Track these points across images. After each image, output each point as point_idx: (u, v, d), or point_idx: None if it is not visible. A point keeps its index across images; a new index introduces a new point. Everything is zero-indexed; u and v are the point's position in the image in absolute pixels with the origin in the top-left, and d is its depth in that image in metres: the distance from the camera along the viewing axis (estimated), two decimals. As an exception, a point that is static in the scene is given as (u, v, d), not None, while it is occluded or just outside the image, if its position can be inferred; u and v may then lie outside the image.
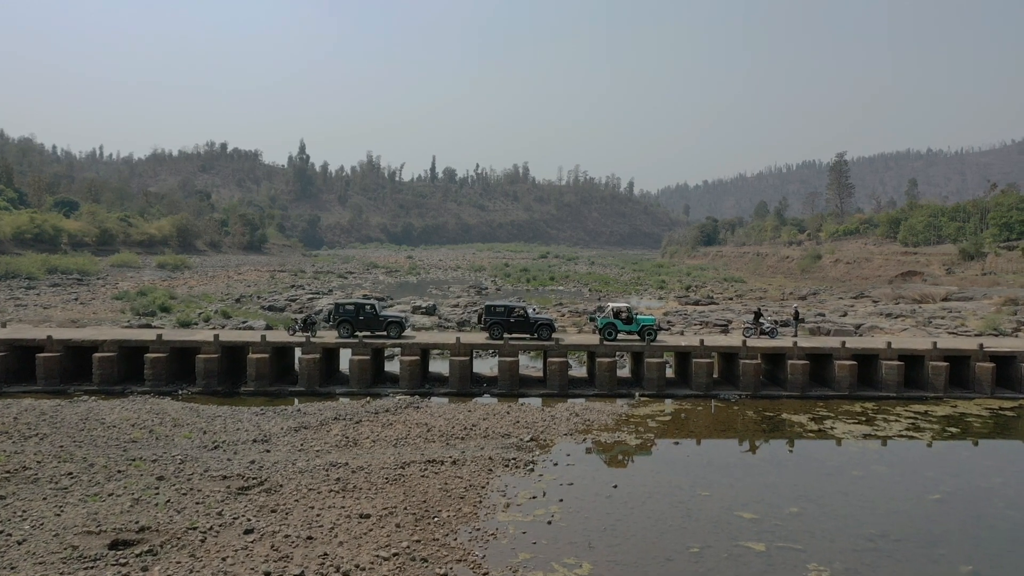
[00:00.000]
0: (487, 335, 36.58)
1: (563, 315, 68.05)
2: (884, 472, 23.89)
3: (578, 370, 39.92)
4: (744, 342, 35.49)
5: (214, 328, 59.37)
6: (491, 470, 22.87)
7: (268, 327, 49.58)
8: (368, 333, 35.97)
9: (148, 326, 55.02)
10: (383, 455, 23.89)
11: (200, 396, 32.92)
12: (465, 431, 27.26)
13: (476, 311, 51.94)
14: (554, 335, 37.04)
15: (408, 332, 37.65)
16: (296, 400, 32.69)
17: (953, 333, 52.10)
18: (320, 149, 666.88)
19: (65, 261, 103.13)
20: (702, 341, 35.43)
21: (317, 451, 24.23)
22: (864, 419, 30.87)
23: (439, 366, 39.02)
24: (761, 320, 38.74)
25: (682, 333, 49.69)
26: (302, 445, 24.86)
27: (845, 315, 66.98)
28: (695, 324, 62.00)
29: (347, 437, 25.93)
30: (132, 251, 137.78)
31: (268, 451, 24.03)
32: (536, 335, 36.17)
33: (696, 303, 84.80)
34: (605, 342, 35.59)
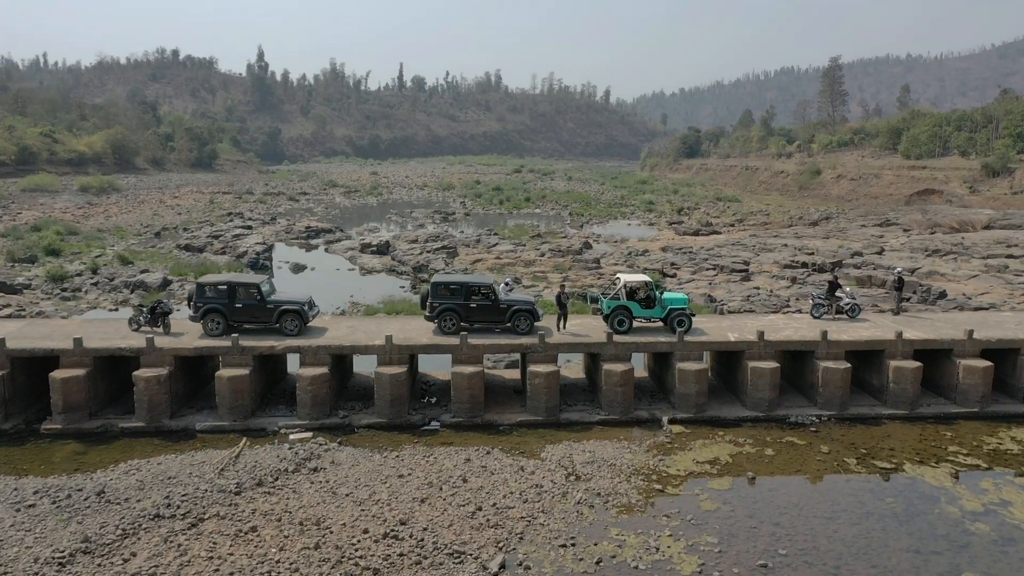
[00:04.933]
0: (435, 326, 24.20)
1: (543, 255, 55.74)
2: None
3: (566, 360, 27.53)
4: (824, 335, 23.46)
5: (96, 282, 46.61)
6: None
7: (157, 299, 37.15)
8: (256, 325, 23.43)
9: (4, 286, 42.09)
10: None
11: (-26, 440, 20.56)
12: (384, 539, 15.25)
13: (422, 286, 39.27)
14: (538, 324, 24.51)
15: (318, 322, 25.08)
16: (128, 451, 20.41)
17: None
18: (280, 57, 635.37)
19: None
20: (762, 334, 23.29)
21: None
22: (1036, 471, 19.23)
23: (368, 363, 26.21)
24: (839, 294, 26.65)
25: (720, 306, 37.82)
26: (51, 617, 12.72)
27: (881, 252, 55.21)
28: (706, 268, 50.02)
29: (156, 578, 13.80)
30: (59, 171, 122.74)
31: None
32: (512, 325, 23.78)
33: (696, 232, 72.69)
34: (615, 336, 23.35)
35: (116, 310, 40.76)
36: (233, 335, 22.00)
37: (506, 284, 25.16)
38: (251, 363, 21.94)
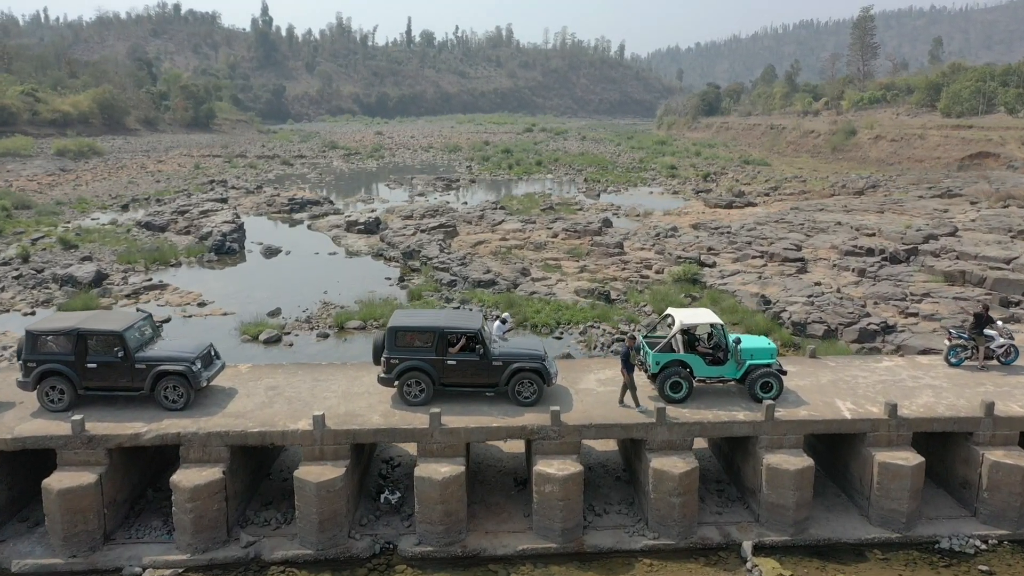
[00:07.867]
0: (396, 390, 16.14)
1: (556, 236, 47.55)
2: None
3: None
4: (989, 409, 15.35)
5: (20, 275, 38.72)
6: None
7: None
8: (125, 391, 15.51)
9: None
10: None
11: None
12: None
13: (379, 333, 31.15)
14: (557, 379, 16.40)
15: (224, 378, 17.03)
16: None
17: None
18: (285, 10, 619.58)
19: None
20: (893, 409, 15.21)
21: None
22: None
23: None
24: (989, 332, 18.47)
25: (778, 311, 29.60)
26: None
27: (955, 233, 46.59)
28: (752, 256, 41.75)
29: None
30: (41, 133, 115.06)
31: None
32: (510, 391, 15.74)
33: (729, 205, 64.02)
34: (668, 408, 15.31)
35: (32, 314, 33.10)
36: (76, 418, 14.06)
37: (501, 321, 17.03)
38: (104, 460, 14.07)
